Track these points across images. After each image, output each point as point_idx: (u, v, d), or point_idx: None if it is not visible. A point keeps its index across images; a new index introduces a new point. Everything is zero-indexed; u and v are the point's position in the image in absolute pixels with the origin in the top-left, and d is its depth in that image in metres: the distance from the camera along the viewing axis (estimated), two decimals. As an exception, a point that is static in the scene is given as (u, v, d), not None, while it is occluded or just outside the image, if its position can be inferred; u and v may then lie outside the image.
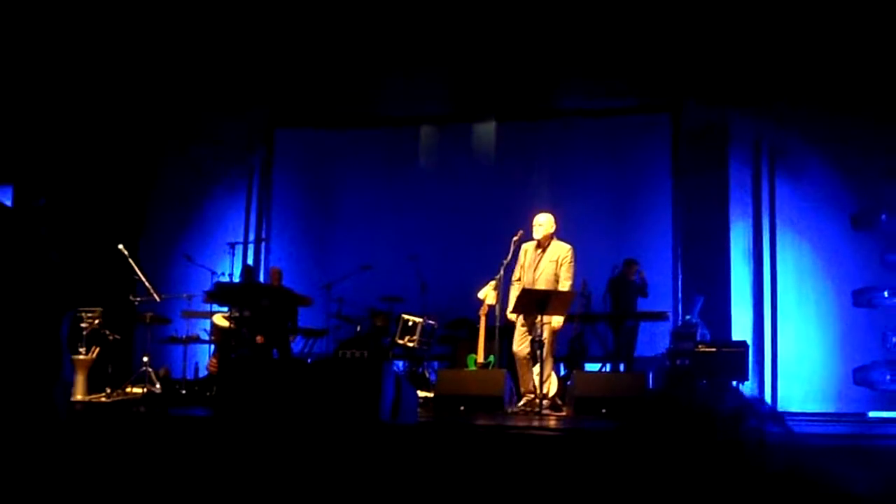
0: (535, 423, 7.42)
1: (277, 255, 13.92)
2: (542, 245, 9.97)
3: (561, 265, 9.86)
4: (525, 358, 9.89)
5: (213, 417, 6.04)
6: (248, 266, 12.71)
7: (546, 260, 9.91)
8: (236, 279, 11.98)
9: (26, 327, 1.81)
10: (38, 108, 13.06)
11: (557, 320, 9.64)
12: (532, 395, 9.59)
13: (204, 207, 14.06)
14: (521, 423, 7.06)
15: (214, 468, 4.57)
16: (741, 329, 11.99)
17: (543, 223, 9.99)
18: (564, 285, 9.78)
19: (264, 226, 14.15)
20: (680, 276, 12.63)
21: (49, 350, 1.86)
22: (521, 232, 10.00)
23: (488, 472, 4.31)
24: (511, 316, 9.95)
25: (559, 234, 10.06)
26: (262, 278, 13.23)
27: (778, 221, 12.07)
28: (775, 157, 12.20)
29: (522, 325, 9.94)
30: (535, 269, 9.91)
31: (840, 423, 8.37)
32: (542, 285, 9.77)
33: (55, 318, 1.87)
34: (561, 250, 9.93)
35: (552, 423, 7.69)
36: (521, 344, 9.91)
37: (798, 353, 11.84)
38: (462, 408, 9.20)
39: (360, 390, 5.45)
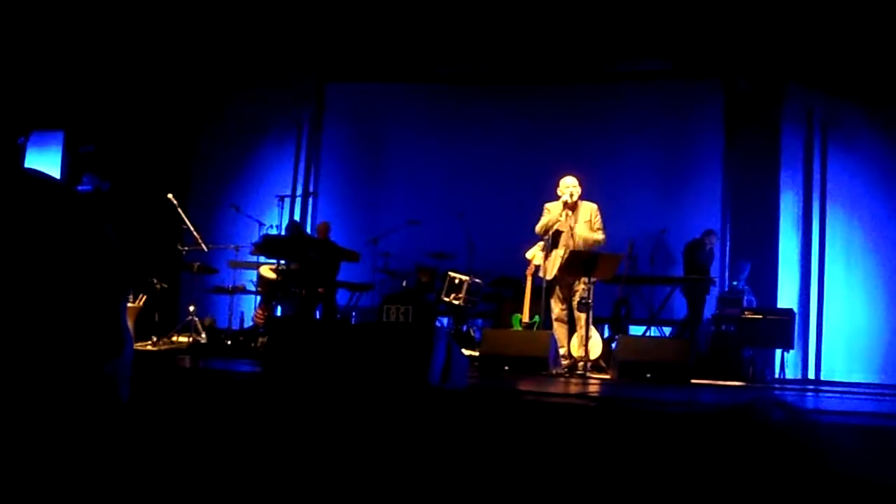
0: (581, 389, 7.40)
1: (325, 210, 13.94)
2: (571, 207, 9.96)
3: (593, 222, 9.88)
4: (565, 319, 9.95)
5: (261, 375, 6.08)
6: (295, 221, 12.75)
7: (580, 221, 9.92)
8: (283, 232, 12.02)
9: (86, 307, 1.80)
10: (90, 56, 13.11)
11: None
12: (575, 358, 9.62)
13: (253, 159, 14.12)
14: (573, 390, 7.04)
15: (260, 428, 4.59)
16: (787, 297, 11.94)
17: (570, 185, 10.00)
18: (599, 235, 9.86)
19: (312, 179, 14.18)
20: (728, 242, 12.55)
21: (109, 330, 1.84)
22: (567, 196, 9.98)
23: (536, 437, 4.31)
24: (549, 277, 9.95)
25: (603, 198, 10.09)
26: (310, 232, 13.27)
27: (829, 191, 11.98)
28: (828, 127, 12.09)
29: (563, 288, 9.97)
30: (570, 233, 9.92)
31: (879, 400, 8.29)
32: (581, 247, 9.83)
33: (114, 297, 1.86)
34: (591, 209, 9.96)
35: (593, 388, 7.67)
36: (562, 306, 9.97)
37: (844, 324, 11.79)
38: (506, 367, 9.21)
39: (411, 353, 5.44)
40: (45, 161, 13.41)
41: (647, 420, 4.32)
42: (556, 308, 10.02)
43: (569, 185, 9.97)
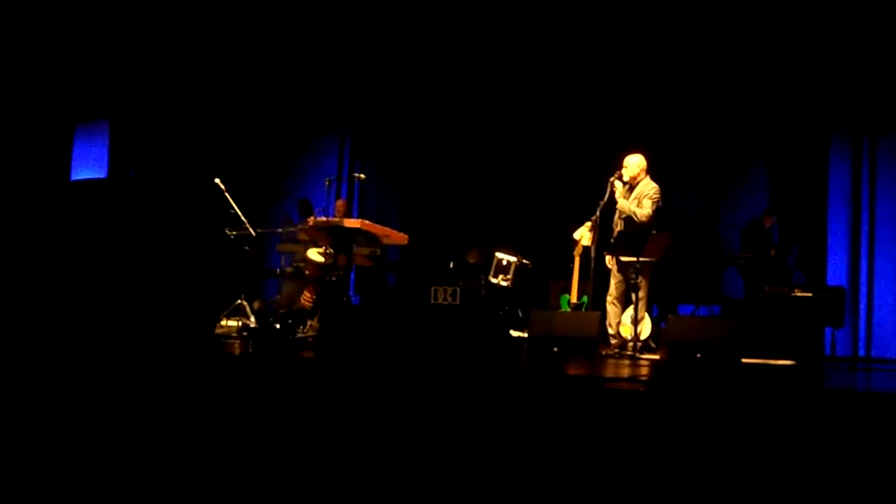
0: (632, 373, 7.39)
1: (372, 192, 13.95)
2: (631, 185, 9.98)
3: (642, 200, 9.87)
4: (618, 299, 9.97)
5: (316, 361, 6.10)
6: (304, 200, 12.70)
7: (632, 198, 9.92)
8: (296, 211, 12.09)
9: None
10: (135, 46, 13.22)
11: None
12: (625, 338, 9.63)
13: (302, 145, 14.17)
14: (624, 374, 7.03)
15: (316, 414, 4.63)
16: (836, 275, 11.84)
17: (629, 164, 9.99)
18: (637, 211, 9.85)
19: (358, 162, 14.18)
20: (776, 220, 12.44)
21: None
22: (618, 173, 9.97)
23: (587, 424, 4.32)
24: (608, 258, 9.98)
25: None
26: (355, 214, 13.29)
27: (879, 166, 11.83)
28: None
29: (615, 267, 9.98)
30: (617, 211, 9.96)
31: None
32: (622, 226, 9.84)
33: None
34: (645, 188, 9.94)
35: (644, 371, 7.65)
36: (614, 285, 10.00)
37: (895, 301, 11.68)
38: (555, 349, 9.21)
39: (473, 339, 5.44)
40: (93, 151, 13.56)
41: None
42: (610, 287, 10.04)
43: (624, 164, 10.01)
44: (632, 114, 12.54)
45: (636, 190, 9.96)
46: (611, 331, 9.88)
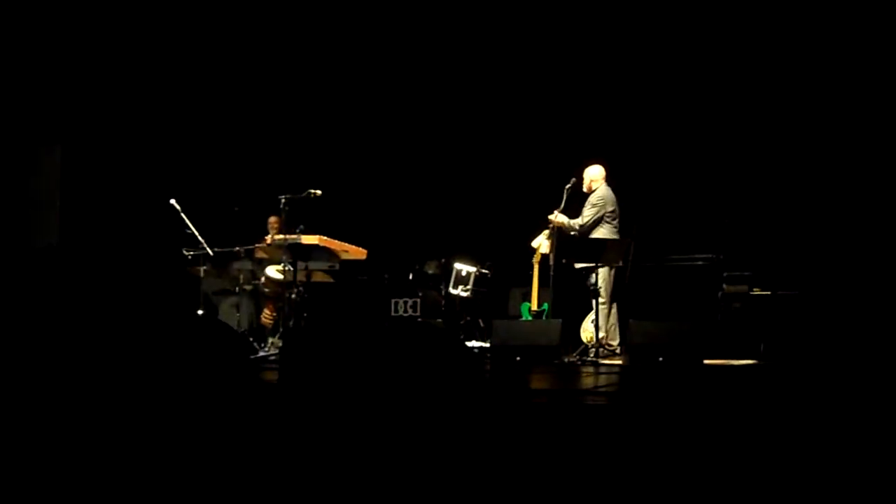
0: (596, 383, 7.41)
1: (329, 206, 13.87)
2: (587, 194, 10.16)
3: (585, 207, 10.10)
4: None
5: (279, 383, 6.05)
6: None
7: (587, 205, 10.07)
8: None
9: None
10: (85, 68, 13.14)
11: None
12: (586, 344, 9.66)
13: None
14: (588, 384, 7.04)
15: (280, 435, 4.60)
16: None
17: (585, 175, 10.35)
18: (575, 222, 10.15)
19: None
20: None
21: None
22: (573, 180, 10.04)
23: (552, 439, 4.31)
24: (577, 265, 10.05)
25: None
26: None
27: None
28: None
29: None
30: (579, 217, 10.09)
31: None
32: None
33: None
34: (593, 196, 10.11)
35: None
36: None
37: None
38: (518, 358, 9.21)
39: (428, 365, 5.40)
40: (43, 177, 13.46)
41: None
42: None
43: (584, 174, 10.18)
44: (590, 121, 12.55)
45: (590, 198, 10.11)
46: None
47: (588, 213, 10.07)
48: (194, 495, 3.79)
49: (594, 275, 9.70)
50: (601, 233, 10.06)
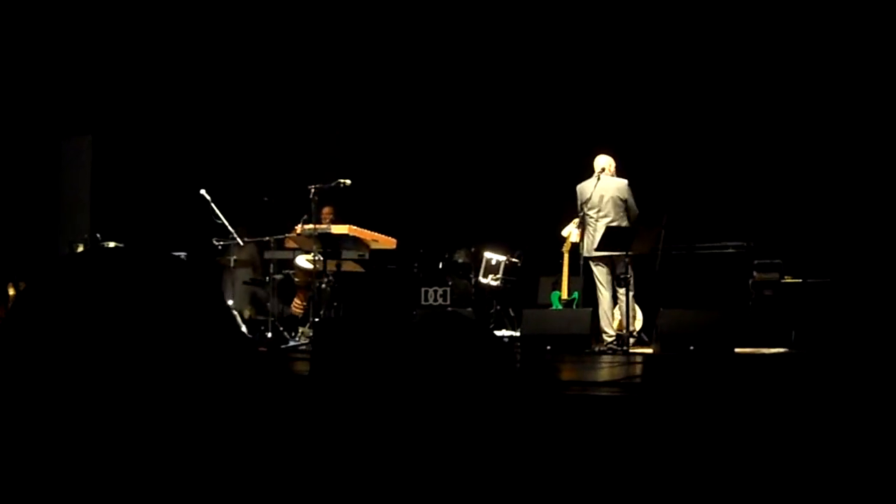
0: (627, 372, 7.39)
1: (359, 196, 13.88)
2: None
3: (626, 199, 9.98)
4: (608, 295, 9.99)
5: (312, 374, 6.07)
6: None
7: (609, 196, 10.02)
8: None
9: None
10: (115, 59, 13.20)
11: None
12: (618, 333, 9.63)
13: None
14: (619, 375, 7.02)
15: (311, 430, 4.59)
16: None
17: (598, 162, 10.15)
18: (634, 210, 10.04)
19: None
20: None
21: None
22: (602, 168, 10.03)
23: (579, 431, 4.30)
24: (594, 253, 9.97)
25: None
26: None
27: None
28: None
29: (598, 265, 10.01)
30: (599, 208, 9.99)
31: None
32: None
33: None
34: (621, 185, 10.02)
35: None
36: (604, 281, 10.00)
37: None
38: (548, 347, 9.21)
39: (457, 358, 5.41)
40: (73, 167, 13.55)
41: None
42: (600, 284, 10.05)
43: (600, 163, 10.08)
44: (621, 109, 12.51)
45: (610, 188, 10.10)
46: (605, 325, 9.90)
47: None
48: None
49: (621, 263, 9.68)
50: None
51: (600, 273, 9.99)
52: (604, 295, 9.95)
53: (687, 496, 3.79)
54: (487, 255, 11.79)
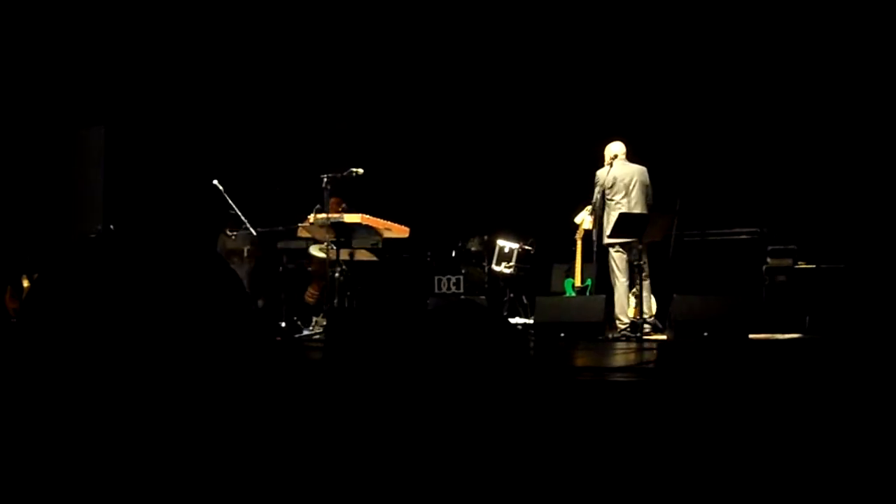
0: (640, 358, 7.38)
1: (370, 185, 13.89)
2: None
3: (648, 185, 9.97)
4: (622, 282, 9.97)
5: (325, 363, 6.08)
6: None
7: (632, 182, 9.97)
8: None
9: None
10: (128, 49, 13.21)
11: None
12: (631, 320, 9.61)
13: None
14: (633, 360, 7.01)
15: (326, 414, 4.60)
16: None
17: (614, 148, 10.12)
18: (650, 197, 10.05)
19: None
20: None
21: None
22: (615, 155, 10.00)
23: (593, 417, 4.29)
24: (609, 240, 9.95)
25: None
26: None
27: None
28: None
29: (618, 251, 9.97)
30: (626, 193, 9.95)
31: None
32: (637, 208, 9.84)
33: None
34: (643, 170, 10.04)
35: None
36: (619, 268, 9.98)
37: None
38: (562, 334, 9.20)
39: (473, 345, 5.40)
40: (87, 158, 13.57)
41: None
42: (617, 270, 10.03)
43: (615, 148, 10.05)
44: (634, 96, 12.48)
45: (630, 174, 10.07)
46: (619, 312, 9.88)
47: (594, 193, 10.08)
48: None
49: (635, 250, 9.66)
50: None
51: (620, 260, 9.96)
52: (620, 281, 9.93)
53: (701, 481, 3.78)
54: (500, 242, 11.79)
